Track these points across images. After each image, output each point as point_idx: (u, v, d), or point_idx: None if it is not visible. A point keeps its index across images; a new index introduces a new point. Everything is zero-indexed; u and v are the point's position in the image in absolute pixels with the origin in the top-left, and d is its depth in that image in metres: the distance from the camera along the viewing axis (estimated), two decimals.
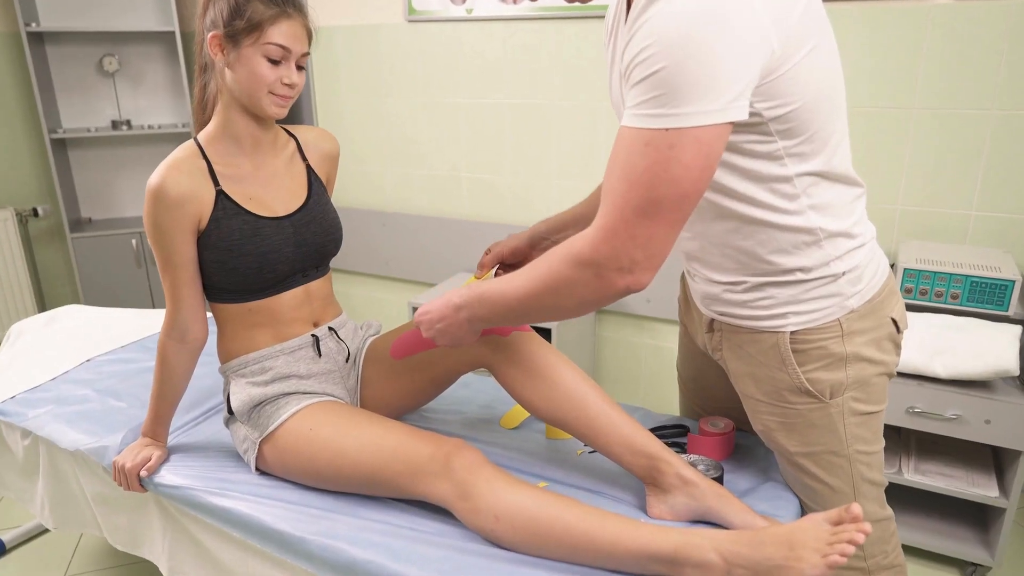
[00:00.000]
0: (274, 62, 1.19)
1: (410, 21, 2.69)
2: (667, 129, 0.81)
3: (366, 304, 3.19)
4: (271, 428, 1.26)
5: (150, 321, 2.03)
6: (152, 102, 3.27)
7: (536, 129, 2.59)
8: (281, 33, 1.18)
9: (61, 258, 3.35)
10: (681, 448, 1.31)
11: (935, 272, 1.78)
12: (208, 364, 1.57)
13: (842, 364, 1.04)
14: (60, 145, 3.10)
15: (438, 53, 2.68)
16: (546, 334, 2.36)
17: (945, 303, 1.79)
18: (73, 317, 2.05)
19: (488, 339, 1.24)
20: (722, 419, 1.31)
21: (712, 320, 1.15)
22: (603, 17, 2.33)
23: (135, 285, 3.21)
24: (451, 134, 2.76)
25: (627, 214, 0.85)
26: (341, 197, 3.06)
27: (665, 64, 0.79)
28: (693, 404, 1.42)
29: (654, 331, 2.59)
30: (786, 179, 0.95)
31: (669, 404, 2.58)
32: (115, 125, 3.13)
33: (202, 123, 1.32)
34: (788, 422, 1.10)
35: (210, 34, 1.20)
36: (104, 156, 3.26)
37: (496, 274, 1.32)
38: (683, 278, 1.28)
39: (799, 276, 1.01)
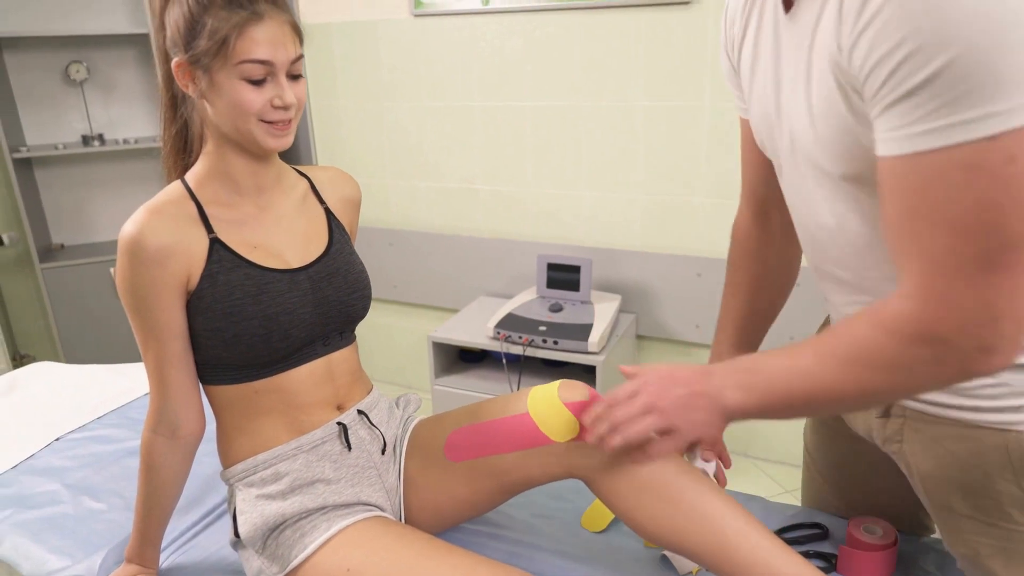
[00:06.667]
0: (257, 82, 0.90)
1: (416, 16, 2.38)
2: (993, 137, 0.55)
3: (373, 332, 2.88)
4: (294, 563, 0.96)
5: (132, 382, 1.71)
6: (126, 113, 2.94)
7: (562, 134, 2.29)
8: (255, 44, 0.88)
9: (32, 290, 3.01)
10: (827, 562, 1.02)
11: None
12: (211, 440, 1.25)
13: None
14: (24, 165, 2.76)
15: (449, 51, 2.37)
16: (590, 370, 2.07)
17: None
18: (41, 378, 1.74)
19: (585, 445, 0.94)
20: (878, 522, 1.02)
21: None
22: (643, 6, 2.03)
23: (117, 319, 2.84)
24: (464, 141, 2.46)
25: (970, 273, 0.60)
26: None
27: (953, 54, 0.55)
28: (831, 497, 1.13)
29: (704, 360, 2.30)
30: None
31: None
32: (86, 140, 2.81)
33: (184, 169, 1.03)
34: (1013, 549, 0.81)
35: (174, 62, 0.92)
36: (75, 175, 2.93)
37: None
38: (827, 325, 0.98)
39: None
